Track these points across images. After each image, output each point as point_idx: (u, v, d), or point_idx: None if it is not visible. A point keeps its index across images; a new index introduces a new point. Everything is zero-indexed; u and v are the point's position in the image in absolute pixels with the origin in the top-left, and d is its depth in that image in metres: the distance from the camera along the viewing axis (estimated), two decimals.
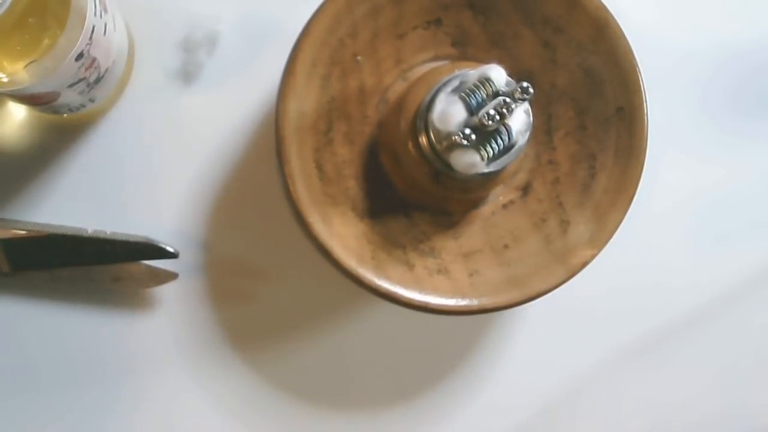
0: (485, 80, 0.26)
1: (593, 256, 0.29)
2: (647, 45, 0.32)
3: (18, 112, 0.33)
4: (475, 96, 0.26)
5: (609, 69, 0.30)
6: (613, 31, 0.29)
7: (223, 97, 0.34)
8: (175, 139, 0.33)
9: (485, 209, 0.31)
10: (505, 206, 0.31)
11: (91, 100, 0.31)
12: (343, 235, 0.29)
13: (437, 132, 0.27)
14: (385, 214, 0.30)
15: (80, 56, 0.27)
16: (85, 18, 0.27)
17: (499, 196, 0.31)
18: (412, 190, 0.30)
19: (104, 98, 0.32)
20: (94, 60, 0.28)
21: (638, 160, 0.30)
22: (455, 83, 0.26)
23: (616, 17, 0.31)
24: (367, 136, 0.30)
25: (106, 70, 0.30)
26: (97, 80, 0.30)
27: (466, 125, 0.26)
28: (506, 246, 0.30)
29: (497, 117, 0.25)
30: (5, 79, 0.27)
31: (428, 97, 0.27)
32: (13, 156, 0.33)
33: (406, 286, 0.29)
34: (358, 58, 0.29)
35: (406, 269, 0.29)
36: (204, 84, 0.34)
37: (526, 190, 0.31)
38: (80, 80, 0.29)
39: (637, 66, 0.30)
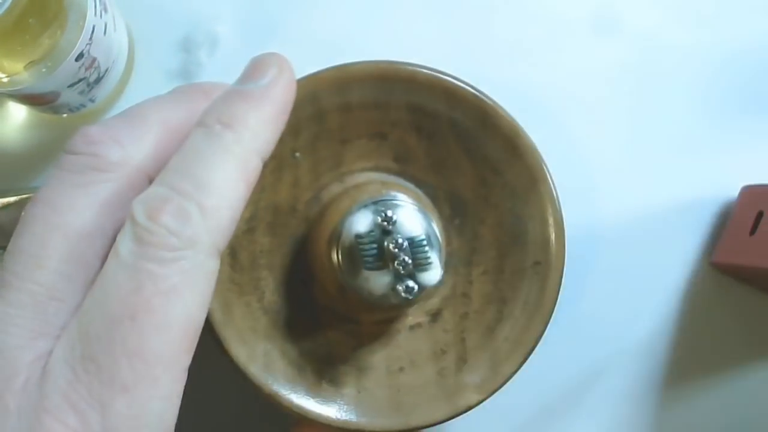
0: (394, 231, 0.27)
1: (478, 402, 0.30)
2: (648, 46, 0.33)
3: (18, 113, 0.34)
4: (389, 234, 0.27)
5: (535, 223, 0.30)
6: (546, 187, 0.30)
7: None
8: None
9: (393, 326, 0.31)
10: (412, 328, 0.31)
11: (91, 100, 0.32)
12: (240, 327, 0.29)
13: (347, 247, 0.27)
14: (292, 312, 0.30)
15: (80, 56, 0.28)
16: (86, 18, 0.28)
17: (409, 315, 0.31)
18: (325, 294, 0.30)
19: (104, 98, 0.33)
20: (94, 60, 0.29)
21: (542, 318, 0.30)
22: (377, 208, 0.27)
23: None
24: (293, 230, 0.30)
25: (106, 70, 0.31)
26: (97, 80, 0.31)
27: (377, 253, 0.27)
28: (401, 369, 0.31)
29: (406, 261, 0.26)
30: (5, 79, 0.28)
31: (348, 214, 0.28)
32: (13, 156, 0.34)
33: (292, 389, 0.29)
34: (297, 154, 0.30)
35: (296, 372, 0.29)
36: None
37: (435, 316, 0.31)
38: (80, 80, 0.30)
39: (563, 225, 0.30)
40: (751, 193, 0.37)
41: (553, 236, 0.31)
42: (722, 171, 0.39)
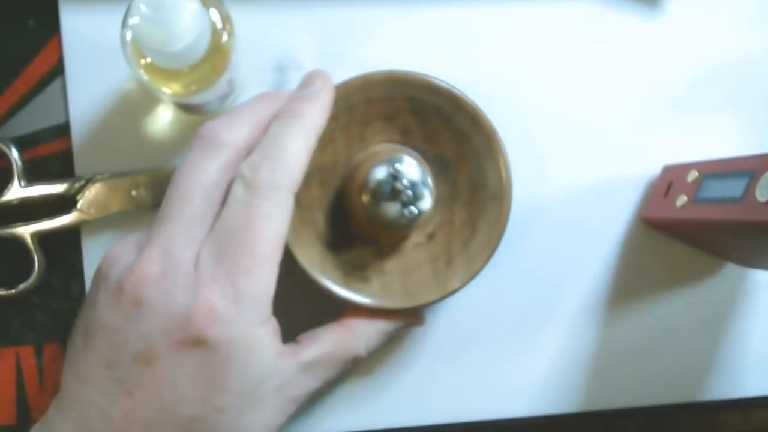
0: (400, 171, 0.37)
1: (460, 287, 0.40)
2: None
3: (166, 114, 0.43)
4: (397, 179, 0.37)
5: (492, 169, 0.40)
6: (498, 145, 0.40)
7: None
8: None
9: (403, 244, 0.41)
10: (416, 245, 0.41)
11: (221, 106, 0.42)
12: (305, 246, 0.39)
13: (371, 189, 0.37)
14: (336, 236, 0.40)
15: (230, 80, 0.38)
16: (236, 56, 0.37)
17: (414, 238, 0.41)
18: (357, 224, 0.40)
19: (229, 104, 0.42)
20: (233, 79, 0.39)
21: (499, 232, 0.40)
22: (389, 163, 0.37)
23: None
24: (335, 183, 0.40)
25: (234, 85, 0.41)
26: (230, 92, 0.41)
27: (391, 190, 0.37)
28: (409, 271, 0.41)
29: (409, 194, 0.37)
30: (170, 93, 0.36)
31: (371, 169, 0.38)
32: (161, 145, 0.43)
33: (338, 284, 0.39)
34: (336, 134, 0.40)
35: (341, 274, 0.40)
36: None
37: (431, 237, 0.41)
38: (224, 94, 0.40)
39: (510, 170, 0.40)
40: (667, 169, 0.46)
41: (503, 176, 0.40)
42: (650, 154, 0.46)
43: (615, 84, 0.46)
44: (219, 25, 0.36)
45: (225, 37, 0.36)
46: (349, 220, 0.40)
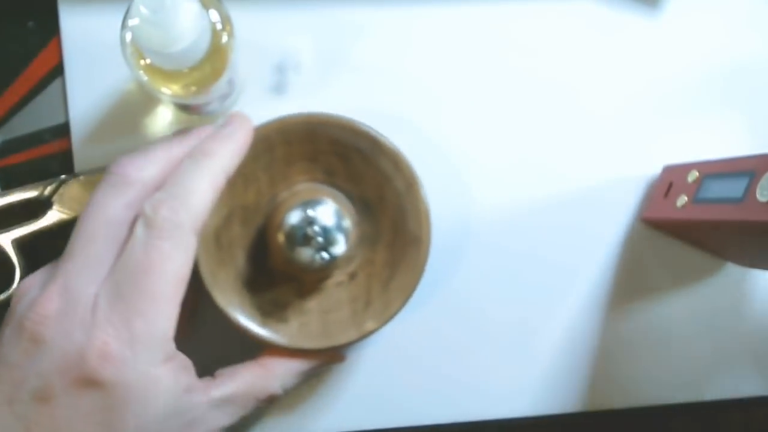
0: (314, 218, 0.37)
1: (376, 329, 0.40)
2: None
3: (166, 114, 0.43)
4: (311, 224, 0.37)
5: (412, 213, 0.40)
6: (418, 189, 0.40)
7: (302, 106, 0.42)
8: None
9: (324, 283, 0.41)
10: (337, 284, 0.41)
11: (220, 107, 0.42)
12: (223, 286, 0.39)
13: (286, 232, 0.38)
14: (256, 275, 0.40)
15: (230, 81, 0.38)
16: (236, 56, 0.37)
17: (336, 276, 0.41)
18: (277, 263, 0.40)
19: (228, 104, 0.42)
20: (232, 80, 0.40)
21: (417, 275, 0.40)
22: (304, 208, 0.37)
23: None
24: (257, 222, 0.40)
25: (234, 86, 0.41)
26: (229, 94, 0.41)
27: (303, 235, 0.37)
28: (329, 311, 0.40)
29: (320, 241, 0.37)
30: (170, 94, 0.36)
31: (287, 212, 0.38)
32: None
33: (257, 324, 0.39)
34: (258, 173, 0.40)
35: (259, 313, 0.39)
36: (290, 96, 0.44)
37: (352, 276, 0.41)
38: (223, 95, 0.40)
39: (429, 214, 0.40)
40: (668, 170, 0.46)
41: (423, 222, 0.40)
42: (651, 154, 0.46)
43: (615, 84, 0.47)
44: (219, 25, 0.36)
45: (225, 38, 0.36)
46: (270, 258, 0.41)
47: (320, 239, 0.37)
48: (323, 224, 0.37)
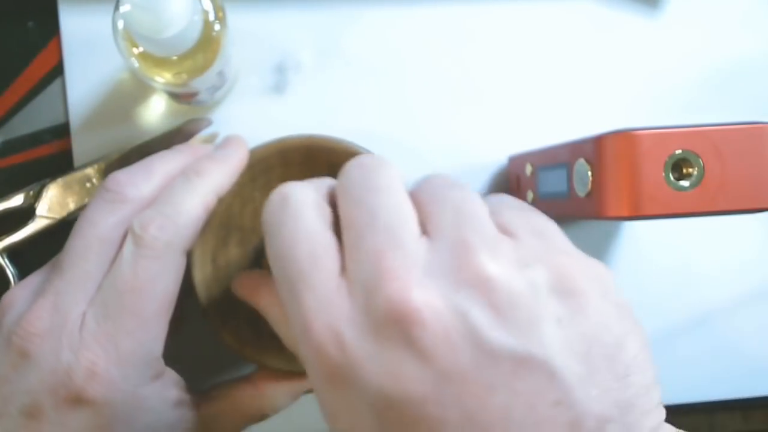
0: None
1: None
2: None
3: (159, 104, 0.43)
4: None
5: None
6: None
7: (302, 106, 0.44)
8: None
9: None
10: None
11: (212, 98, 0.41)
12: (220, 305, 0.38)
13: None
14: None
15: (220, 73, 0.38)
16: (228, 47, 0.37)
17: None
18: None
19: (220, 96, 0.42)
20: (223, 72, 0.39)
21: None
22: None
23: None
24: (253, 242, 0.40)
25: (226, 79, 0.40)
26: (221, 85, 0.41)
27: None
28: None
29: None
30: (163, 81, 0.37)
31: None
32: (155, 133, 0.43)
33: (251, 345, 0.38)
34: (255, 194, 0.39)
35: (252, 330, 0.38)
36: (290, 96, 0.44)
37: None
38: (213, 86, 0.39)
39: None
40: (512, 161, 0.45)
41: None
42: (497, 145, 0.46)
43: (615, 84, 0.47)
44: (211, 15, 0.36)
45: (217, 27, 0.36)
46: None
47: None
48: None
